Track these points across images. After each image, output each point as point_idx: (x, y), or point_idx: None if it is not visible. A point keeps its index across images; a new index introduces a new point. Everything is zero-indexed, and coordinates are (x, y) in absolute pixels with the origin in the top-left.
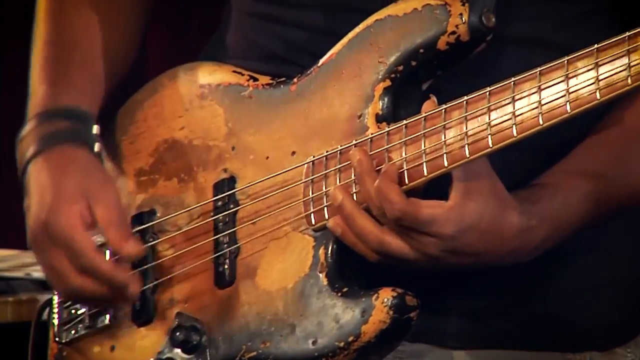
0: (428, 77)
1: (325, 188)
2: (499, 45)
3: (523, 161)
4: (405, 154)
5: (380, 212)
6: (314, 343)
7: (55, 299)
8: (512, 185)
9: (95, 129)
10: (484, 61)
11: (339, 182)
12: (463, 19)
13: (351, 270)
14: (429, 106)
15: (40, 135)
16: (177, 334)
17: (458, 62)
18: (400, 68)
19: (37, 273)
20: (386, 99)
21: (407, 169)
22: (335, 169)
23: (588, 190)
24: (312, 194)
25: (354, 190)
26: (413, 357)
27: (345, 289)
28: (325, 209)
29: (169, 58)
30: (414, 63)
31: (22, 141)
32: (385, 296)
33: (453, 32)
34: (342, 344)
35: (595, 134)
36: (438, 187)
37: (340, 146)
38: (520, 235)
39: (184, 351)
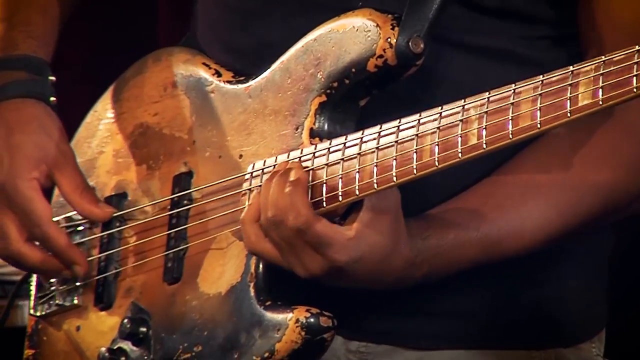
0: (364, 95)
1: None
2: (452, 51)
3: None
4: (326, 177)
5: (272, 222)
6: (236, 354)
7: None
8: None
9: (51, 78)
10: (437, 65)
11: None
12: (391, 43)
13: (280, 283)
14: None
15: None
16: (126, 325)
17: (391, 83)
18: (335, 85)
19: None
20: (321, 114)
21: (325, 196)
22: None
23: (480, 234)
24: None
25: None
26: (378, 358)
27: (268, 303)
28: None
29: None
30: (347, 81)
31: None
32: (299, 316)
33: (381, 56)
34: (258, 359)
35: (501, 172)
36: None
37: (275, 161)
38: (402, 270)
39: (132, 343)
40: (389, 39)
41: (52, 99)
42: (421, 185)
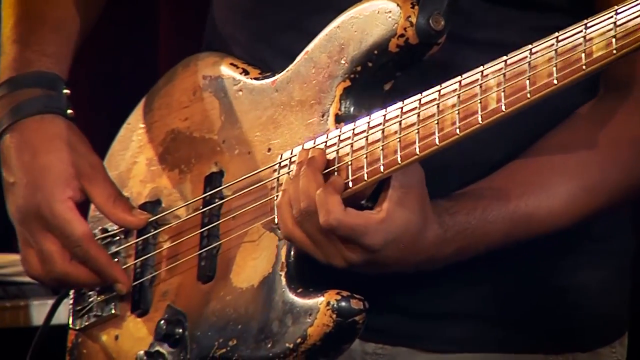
0: (388, 78)
1: None
2: (463, 47)
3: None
4: (351, 158)
5: (305, 213)
6: (270, 343)
7: None
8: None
9: (66, 92)
10: (448, 62)
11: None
12: (411, 21)
13: (310, 271)
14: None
15: (13, 103)
16: (162, 327)
17: (414, 64)
18: (359, 69)
19: None
20: (346, 99)
21: (351, 177)
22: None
23: (508, 210)
24: (277, 194)
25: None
26: None
27: (300, 290)
28: None
29: (180, 51)
30: (370, 64)
31: None
32: (330, 299)
33: (402, 35)
34: (291, 346)
35: (526, 154)
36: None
37: (303, 149)
38: (433, 247)
39: (169, 345)
40: (410, 18)
41: (69, 111)
42: (444, 171)
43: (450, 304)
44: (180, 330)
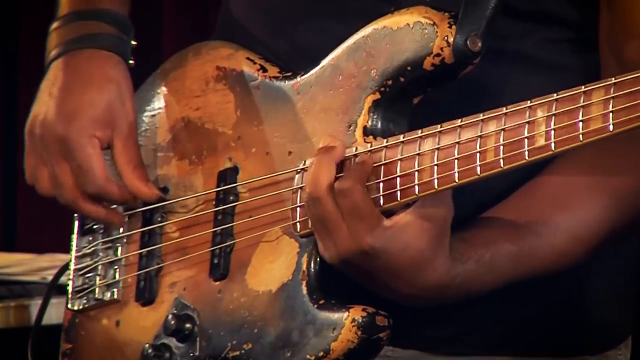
0: (418, 93)
1: None
2: (486, 59)
3: None
4: (383, 176)
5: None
6: (289, 353)
7: (72, 265)
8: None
9: (133, 43)
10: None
11: None
12: (448, 41)
13: (332, 282)
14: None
15: (88, 31)
16: (171, 321)
17: (446, 82)
18: (390, 82)
19: None
20: (375, 112)
21: (382, 193)
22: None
23: (512, 251)
24: (300, 201)
25: None
26: None
27: (322, 301)
28: None
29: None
30: (402, 79)
31: (59, 29)
32: (355, 315)
33: (438, 54)
34: (312, 358)
35: (529, 187)
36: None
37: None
38: (436, 290)
39: (177, 339)
40: (447, 37)
41: (131, 62)
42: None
43: (460, 307)
44: (190, 326)
